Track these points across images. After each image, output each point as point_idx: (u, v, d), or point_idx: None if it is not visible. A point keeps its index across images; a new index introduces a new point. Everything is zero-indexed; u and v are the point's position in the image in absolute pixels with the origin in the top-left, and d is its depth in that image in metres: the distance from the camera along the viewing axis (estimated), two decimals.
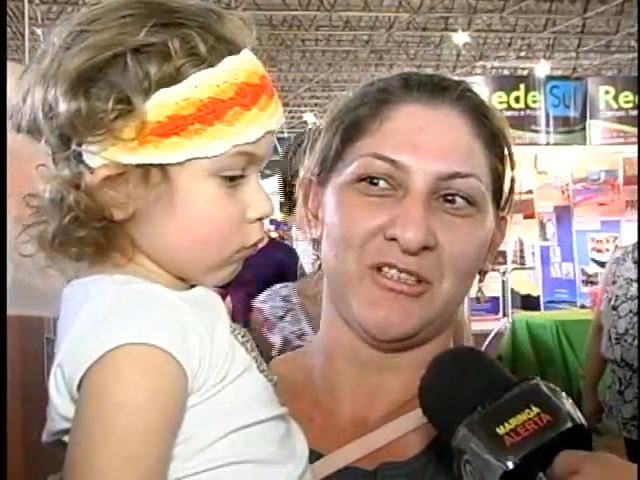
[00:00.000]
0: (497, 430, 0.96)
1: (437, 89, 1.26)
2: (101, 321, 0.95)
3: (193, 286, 1.08)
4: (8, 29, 15.83)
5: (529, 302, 11.41)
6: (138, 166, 0.99)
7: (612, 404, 4.80)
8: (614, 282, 4.86)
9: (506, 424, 0.96)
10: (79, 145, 0.98)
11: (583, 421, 0.98)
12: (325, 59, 22.26)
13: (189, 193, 1.01)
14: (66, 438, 0.98)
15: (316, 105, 26.95)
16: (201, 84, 0.99)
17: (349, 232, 1.22)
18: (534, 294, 11.57)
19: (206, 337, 0.99)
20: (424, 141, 1.22)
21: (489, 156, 1.26)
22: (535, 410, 0.97)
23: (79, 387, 0.95)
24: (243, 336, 1.08)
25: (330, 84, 24.78)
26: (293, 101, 25.34)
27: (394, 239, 1.19)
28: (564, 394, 1.00)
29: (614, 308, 4.81)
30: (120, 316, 0.96)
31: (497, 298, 11.03)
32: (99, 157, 0.99)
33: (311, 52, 21.54)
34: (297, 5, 17.59)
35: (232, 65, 1.01)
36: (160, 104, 0.98)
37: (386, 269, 1.21)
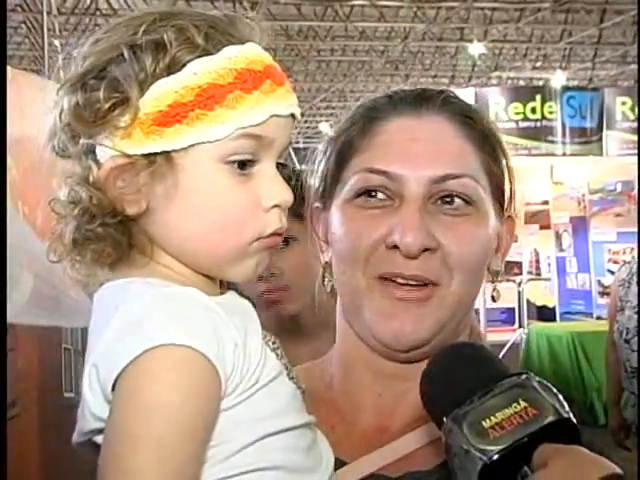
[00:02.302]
0: (483, 423, 0.97)
1: (420, 99, 1.30)
2: (137, 322, 0.97)
3: (223, 293, 1.09)
4: (26, 40, 15.93)
5: (545, 313, 11.38)
6: (144, 156, 1.00)
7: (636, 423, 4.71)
8: (622, 309, 4.76)
9: (492, 417, 0.97)
10: (88, 139, 1.01)
11: (569, 415, 0.98)
12: (341, 69, 22.28)
13: (197, 180, 1.02)
14: (97, 438, 0.99)
15: (332, 115, 26.96)
16: (200, 71, 1.01)
17: (353, 246, 1.25)
18: (550, 305, 11.54)
19: (239, 341, 1.00)
20: (414, 149, 1.25)
21: (481, 156, 1.28)
22: (522, 404, 0.98)
23: (113, 387, 0.95)
24: (273, 343, 1.09)
25: (346, 94, 24.80)
26: (309, 111, 25.36)
27: (395, 247, 1.22)
28: (554, 390, 1.01)
29: (626, 341, 4.71)
30: (156, 318, 0.97)
31: (513, 309, 11.00)
32: (106, 150, 1.01)
33: (327, 62, 21.57)
34: (313, 16, 17.63)
35: (233, 53, 1.03)
36: (160, 94, 1.00)
37: (393, 278, 1.23)
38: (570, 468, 0.95)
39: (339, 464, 1.18)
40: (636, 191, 11.21)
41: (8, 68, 4.01)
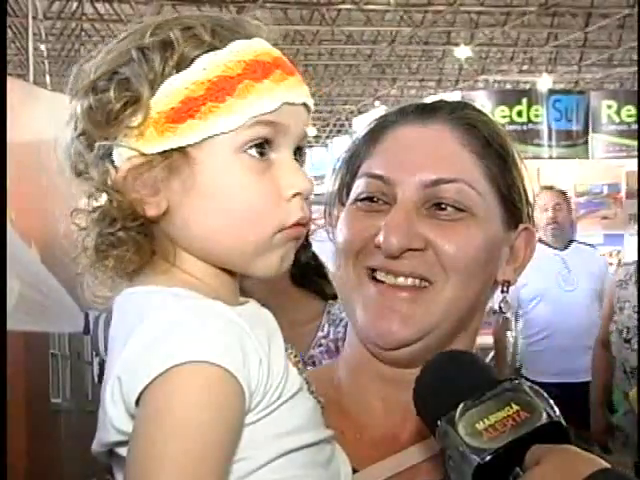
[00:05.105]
0: (477, 425, 0.99)
1: (428, 109, 1.32)
2: (164, 336, 0.96)
3: (246, 301, 1.08)
4: (12, 45, 15.90)
5: None
6: (160, 155, 1.00)
7: (627, 430, 4.67)
8: (621, 309, 4.74)
9: (486, 420, 0.99)
10: (102, 144, 1.02)
11: (560, 418, 1.01)
12: (328, 73, 22.33)
13: (215, 173, 1.01)
14: (119, 450, 0.99)
15: (319, 119, 27.00)
16: (208, 66, 1.01)
17: (347, 243, 1.28)
18: None
19: (264, 358, 0.99)
20: (410, 155, 1.28)
21: (483, 163, 1.28)
22: (515, 408, 1.00)
23: (137, 402, 0.95)
24: (295, 356, 1.09)
25: (333, 98, 24.86)
26: None
27: (380, 247, 1.24)
28: (545, 394, 1.03)
29: (626, 341, 4.68)
30: (184, 333, 0.96)
31: None
32: (122, 153, 1.02)
33: (313, 66, 21.61)
34: (299, 20, 17.67)
35: (240, 47, 1.03)
36: (171, 91, 1.01)
37: (382, 274, 1.25)
38: (563, 464, 0.97)
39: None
40: (623, 193, 11.27)
41: None
